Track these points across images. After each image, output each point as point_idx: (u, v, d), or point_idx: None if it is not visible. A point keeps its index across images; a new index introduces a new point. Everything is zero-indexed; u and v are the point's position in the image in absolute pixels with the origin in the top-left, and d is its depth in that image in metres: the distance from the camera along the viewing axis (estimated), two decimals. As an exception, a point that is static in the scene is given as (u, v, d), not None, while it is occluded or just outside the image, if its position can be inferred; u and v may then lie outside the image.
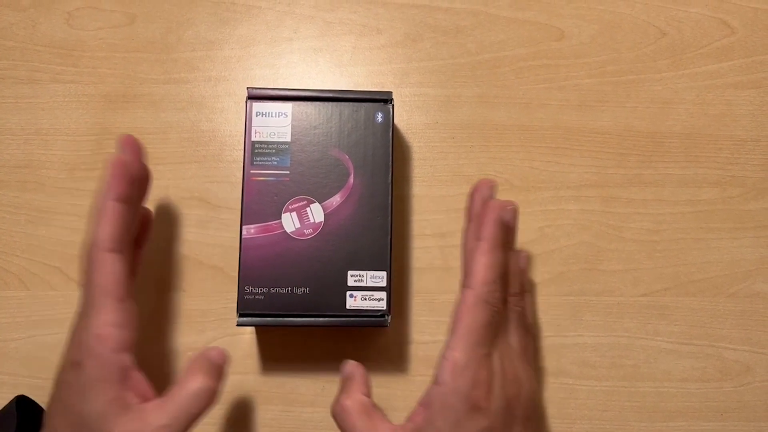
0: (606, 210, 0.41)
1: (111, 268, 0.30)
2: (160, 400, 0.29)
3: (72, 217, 0.40)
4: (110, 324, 0.29)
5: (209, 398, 0.30)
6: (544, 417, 0.39)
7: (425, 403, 0.30)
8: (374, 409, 0.31)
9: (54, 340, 0.39)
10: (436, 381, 0.30)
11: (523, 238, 0.40)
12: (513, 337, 0.33)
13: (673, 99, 0.42)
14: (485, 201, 0.33)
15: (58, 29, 0.42)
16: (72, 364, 0.29)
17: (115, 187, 0.31)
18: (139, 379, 0.30)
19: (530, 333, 0.35)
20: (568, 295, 0.40)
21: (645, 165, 0.41)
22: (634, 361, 0.40)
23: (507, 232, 0.32)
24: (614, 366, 0.40)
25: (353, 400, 0.31)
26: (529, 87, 0.42)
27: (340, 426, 0.31)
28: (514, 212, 0.32)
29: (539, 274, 0.40)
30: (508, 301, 0.33)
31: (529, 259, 0.37)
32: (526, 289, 0.36)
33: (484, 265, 0.30)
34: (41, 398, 0.37)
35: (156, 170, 0.40)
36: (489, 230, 0.31)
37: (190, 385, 0.29)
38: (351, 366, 0.33)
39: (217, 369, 0.31)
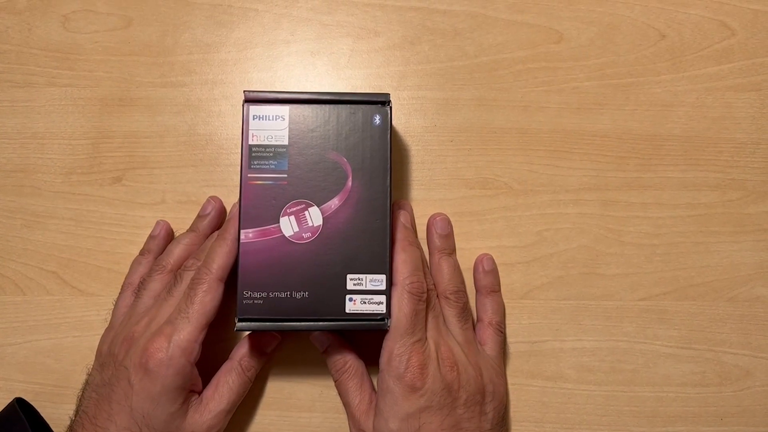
0: (605, 213, 0.41)
1: (216, 294, 0.35)
2: (213, 389, 0.36)
3: (68, 221, 0.41)
4: (196, 341, 0.34)
5: (252, 380, 0.38)
6: (507, 407, 0.39)
7: (377, 391, 0.35)
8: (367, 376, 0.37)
9: (50, 345, 0.40)
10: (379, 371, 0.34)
11: (521, 242, 0.41)
12: (454, 328, 0.37)
13: (673, 102, 0.42)
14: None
15: (54, 32, 0.43)
16: (138, 367, 0.33)
17: (238, 229, 0.34)
18: (197, 379, 0.35)
19: (496, 330, 0.39)
20: (566, 299, 0.41)
21: (644, 168, 0.42)
22: (633, 366, 0.40)
23: (443, 239, 0.39)
24: (613, 370, 0.40)
25: (358, 362, 0.37)
26: (528, 90, 0.42)
27: (338, 382, 0.37)
28: (444, 221, 0.40)
29: (537, 278, 0.41)
30: (446, 298, 0.37)
31: (492, 261, 0.40)
32: (495, 289, 0.40)
33: (401, 261, 0.35)
34: (37, 403, 0.39)
35: (152, 174, 0.41)
36: (398, 233, 0.36)
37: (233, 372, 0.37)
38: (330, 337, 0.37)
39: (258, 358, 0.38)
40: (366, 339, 0.39)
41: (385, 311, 0.34)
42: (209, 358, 0.37)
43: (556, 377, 0.40)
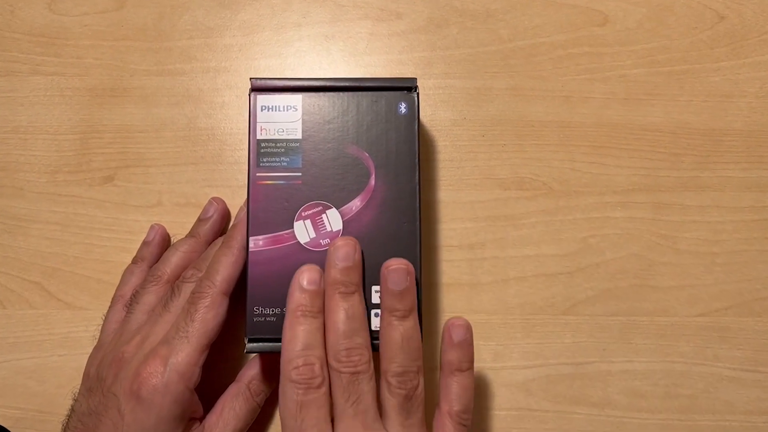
0: (658, 218, 0.40)
1: (220, 311, 0.33)
2: (216, 416, 0.34)
3: (54, 225, 0.40)
4: (196, 364, 0.32)
5: (260, 405, 0.36)
6: None
7: None
8: None
9: (32, 364, 0.39)
10: None
11: (563, 250, 0.40)
12: (393, 425, 0.31)
13: (733, 92, 0.41)
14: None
15: (38, 15, 0.42)
16: (129, 394, 0.31)
17: (245, 236, 0.34)
18: (198, 405, 0.34)
19: (457, 424, 0.32)
20: (615, 315, 0.39)
21: (701, 166, 0.41)
22: (692, 391, 0.39)
23: (396, 297, 0.31)
24: (668, 396, 0.39)
25: None
26: (569, 78, 0.41)
27: None
28: (398, 272, 0.31)
29: (582, 291, 0.40)
30: (387, 381, 0.30)
31: (467, 328, 0.33)
32: (462, 368, 0.33)
33: (286, 337, 0.31)
34: (18, 430, 0.38)
35: (147, 173, 0.41)
36: (290, 296, 0.31)
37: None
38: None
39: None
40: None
41: None
42: (213, 379, 0.36)
43: (604, 404, 0.39)
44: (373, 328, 0.32)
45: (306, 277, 0.31)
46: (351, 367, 0.30)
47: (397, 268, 0.31)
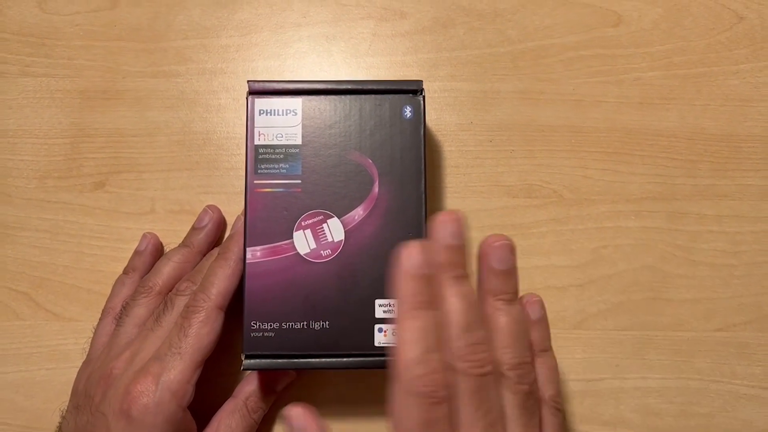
0: (673, 228, 0.40)
1: (215, 326, 0.33)
2: None
3: (42, 233, 0.40)
4: (189, 382, 0.32)
5: (258, 422, 0.36)
6: None
7: None
8: None
9: (19, 378, 0.39)
10: None
11: (574, 261, 0.40)
12: (514, 427, 0.27)
13: (753, 96, 0.41)
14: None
15: (28, 14, 0.42)
16: (118, 414, 0.31)
17: (242, 246, 0.33)
18: (191, 423, 0.34)
19: (553, 409, 0.30)
20: (628, 329, 0.39)
21: (719, 174, 0.41)
22: (708, 409, 0.39)
23: (501, 278, 0.29)
24: (684, 415, 0.39)
25: None
26: (581, 81, 0.41)
27: None
28: (504, 249, 0.29)
29: (594, 305, 0.39)
30: (503, 375, 0.27)
31: (542, 305, 0.32)
32: (546, 347, 0.31)
33: (401, 338, 0.26)
34: (3, 448, 0.38)
35: (140, 179, 0.41)
36: (400, 284, 0.27)
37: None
38: (300, 417, 0.29)
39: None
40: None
41: None
42: (208, 394, 0.36)
43: (616, 422, 0.39)
44: (376, 344, 0.32)
45: (415, 258, 0.27)
46: (478, 367, 0.26)
47: (502, 244, 0.28)
